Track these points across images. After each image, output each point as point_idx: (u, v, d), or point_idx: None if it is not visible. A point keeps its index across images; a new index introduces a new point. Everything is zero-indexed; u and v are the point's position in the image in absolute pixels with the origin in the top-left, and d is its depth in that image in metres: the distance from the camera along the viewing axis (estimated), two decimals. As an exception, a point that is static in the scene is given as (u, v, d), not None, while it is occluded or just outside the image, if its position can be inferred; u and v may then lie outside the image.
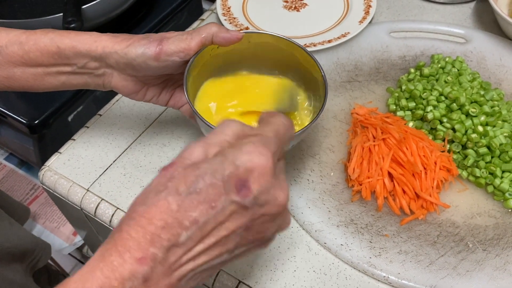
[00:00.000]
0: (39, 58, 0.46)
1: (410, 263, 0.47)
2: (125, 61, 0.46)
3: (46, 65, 0.47)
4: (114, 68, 0.47)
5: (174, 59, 0.45)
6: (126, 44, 0.45)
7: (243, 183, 0.30)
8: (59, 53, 0.46)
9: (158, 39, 0.45)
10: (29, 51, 0.46)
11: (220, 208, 0.30)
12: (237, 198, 0.30)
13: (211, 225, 0.30)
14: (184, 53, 0.45)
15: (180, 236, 0.29)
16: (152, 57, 0.45)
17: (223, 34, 0.46)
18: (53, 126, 0.77)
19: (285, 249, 0.50)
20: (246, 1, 0.77)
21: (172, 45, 0.45)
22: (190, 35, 0.46)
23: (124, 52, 0.45)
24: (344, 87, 0.64)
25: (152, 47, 0.45)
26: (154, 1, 0.90)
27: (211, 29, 0.46)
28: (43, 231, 0.99)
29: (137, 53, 0.45)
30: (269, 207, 0.32)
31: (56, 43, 0.46)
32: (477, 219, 0.51)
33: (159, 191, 0.30)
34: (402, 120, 0.58)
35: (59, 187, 0.57)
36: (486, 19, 0.73)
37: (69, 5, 0.71)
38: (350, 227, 0.50)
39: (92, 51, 0.46)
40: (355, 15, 0.72)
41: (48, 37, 0.46)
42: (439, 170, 0.52)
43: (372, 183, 0.52)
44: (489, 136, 0.53)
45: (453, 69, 0.62)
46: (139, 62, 0.45)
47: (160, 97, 0.52)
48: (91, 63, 0.47)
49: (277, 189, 0.32)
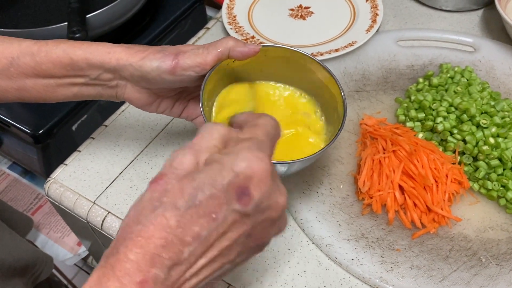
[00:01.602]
0: (51, 69, 0.45)
1: (422, 279, 0.47)
2: (140, 74, 0.45)
3: (59, 76, 0.46)
4: (128, 80, 0.47)
5: (190, 73, 0.45)
6: (141, 57, 0.44)
7: (244, 191, 0.30)
8: (71, 64, 0.45)
9: (174, 53, 0.44)
10: (41, 62, 0.45)
11: (221, 218, 0.29)
12: (239, 206, 0.29)
13: (213, 237, 0.29)
14: (200, 68, 0.44)
15: (183, 253, 0.28)
16: (168, 71, 0.44)
17: (240, 48, 0.45)
18: (57, 135, 0.76)
19: (295, 264, 0.49)
20: (252, 10, 0.77)
21: (188, 59, 0.44)
22: (207, 50, 0.45)
23: (139, 65, 0.44)
24: (352, 97, 0.63)
25: (167, 61, 0.44)
26: (157, 9, 0.89)
27: (227, 43, 0.45)
28: (47, 241, 0.99)
29: (152, 66, 0.44)
30: (270, 212, 0.31)
31: (68, 55, 0.45)
32: (490, 232, 0.50)
33: (155, 207, 0.29)
34: (411, 131, 0.57)
35: (65, 200, 0.56)
36: (494, 27, 0.72)
37: (73, 15, 0.71)
38: (361, 241, 0.49)
39: (106, 63, 0.45)
40: (362, 23, 0.72)
41: (60, 48, 0.45)
42: (451, 183, 0.51)
43: (383, 196, 0.51)
44: (500, 148, 0.52)
45: (462, 79, 0.61)
46: (154, 75, 0.44)
47: (173, 109, 0.51)
48: (104, 75, 0.46)
49: (277, 193, 0.32)
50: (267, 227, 0.32)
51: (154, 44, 0.86)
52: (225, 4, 0.77)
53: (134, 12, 0.80)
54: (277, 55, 0.50)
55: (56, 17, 0.77)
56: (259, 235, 0.32)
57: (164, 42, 0.88)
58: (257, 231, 0.32)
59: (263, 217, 0.31)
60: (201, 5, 0.93)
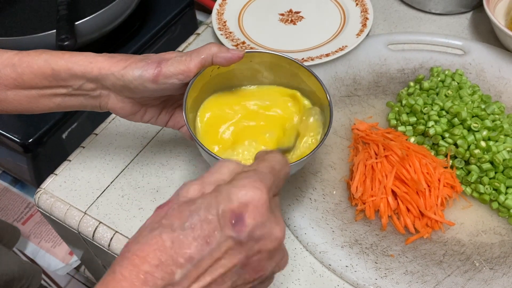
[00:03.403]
0: (33, 80, 0.45)
1: (416, 284, 0.46)
2: (122, 83, 0.44)
3: (40, 87, 0.45)
4: (111, 89, 0.46)
5: (173, 81, 0.44)
6: (123, 66, 0.44)
7: (238, 217, 0.30)
8: (53, 75, 0.44)
9: (157, 61, 0.44)
10: (23, 73, 0.44)
11: (215, 244, 0.29)
12: (232, 233, 0.29)
13: (207, 262, 0.29)
14: (184, 75, 0.44)
15: (175, 274, 0.28)
16: (150, 80, 0.43)
17: (223, 54, 0.45)
18: (47, 144, 0.76)
19: (289, 271, 0.49)
20: (242, 15, 0.77)
21: (171, 67, 0.44)
22: (190, 57, 0.44)
23: (121, 74, 0.44)
24: (344, 102, 0.63)
25: (150, 69, 0.43)
26: (147, 15, 0.89)
27: (210, 49, 0.45)
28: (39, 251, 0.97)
29: (134, 75, 0.44)
30: (265, 242, 0.31)
31: (50, 65, 0.44)
32: (483, 236, 0.50)
33: (153, 229, 0.30)
34: (403, 136, 0.57)
35: (55, 211, 0.56)
36: (483, 30, 0.73)
37: (62, 22, 0.70)
38: (355, 248, 0.49)
39: (88, 72, 0.44)
40: (352, 27, 0.72)
41: (42, 58, 0.44)
42: (443, 187, 0.51)
43: (376, 201, 0.51)
44: (492, 152, 0.52)
45: (453, 83, 0.61)
46: (136, 84, 0.44)
47: (159, 118, 0.51)
48: (87, 85, 0.46)
49: (273, 224, 0.31)
50: (264, 260, 0.32)
51: (144, 50, 0.85)
52: (215, 10, 0.76)
53: (124, 18, 0.80)
54: (263, 61, 0.50)
55: (45, 24, 0.76)
56: (255, 267, 0.32)
57: (155, 47, 0.88)
58: (253, 262, 0.31)
59: (258, 247, 0.31)
60: (191, 11, 0.93)
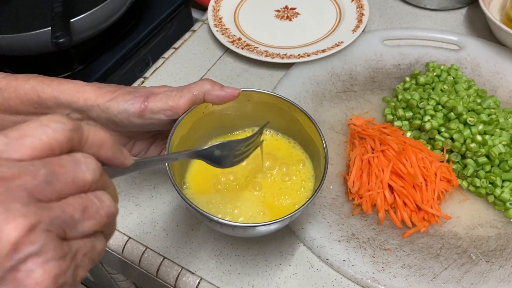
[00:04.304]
0: (18, 106, 0.43)
1: (413, 277, 0.47)
2: (107, 116, 0.42)
3: (26, 113, 0.43)
4: (97, 121, 0.44)
5: (160, 117, 0.42)
6: (109, 98, 0.42)
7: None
8: (39, 102, 0.42)
9: (144, 95, 0.42)
10: (9, 98, 0.42)
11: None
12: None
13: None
14: (172, 112, 0.42)
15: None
16: (136, 114, 0.41)
17: (216, 92, 0.43)
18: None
19: (286, 266, 0.49)
20: (238, 12, 0.77)
21: (158, 102, 0.41)
22: (180, 92, 0.42)
23: (106, 107, 0.42)
24: (340, 97, 0.63)
25: (136, 103, 0.41)
26: (143, 12, 0.88)
27: (203, 86, 0.43)
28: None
29: (119, 109, 0.41)
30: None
31: (37, 92, 0.42)
32: (479, 230, 0.51)
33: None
34: (399, 130, 0.57)
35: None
36: (479, 25, 0.73)
37: (57, 19, 0.70)
38: (352, 242, 0.49)
39: (74, 102, 0.42)
40: (348, 23, 0.72)
41: (29, 84, 0.43)
42: (439, 181, 0.51)
43: (373, 196, 0.51)
44: (488, 145, 0.52)
45: (449, 77, 0.62)
46: (121, 118, 0.42)
47: (148, 152, 0.48)
48: (73, 115, 0.44)
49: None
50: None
51: (140, 47, 0.85)
52: (210, 6, 0.76)
53: (119, 15, 0.79)
54: (261, 101, 0.48)
55: (40, 22, 0.76)
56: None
57: (150, 45, 0.87)
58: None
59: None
60: (186, 8, 0.93)
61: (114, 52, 0.82)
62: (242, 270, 0.49)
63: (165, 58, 0.72)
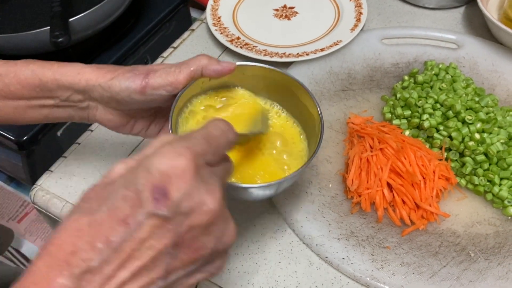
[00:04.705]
0: (19, 91, 0.44)
1: (412, 275, 0.47)
2: (109, 95, 0.43)
3: (28, 98, 0.44)
4: (99, 101, 0.45)
5: (161, 92, 0.43)
6: (110, 77, 0.43)
7: (160, 191, 0.26)
8: (41, 86, 0.43)
9: (144, 72, 0.43)
10: (10, 84, 0.43)
11: (136, 223, 0.26)
12: (155, 209, 0.26)
13: (130, 244, 0.26)
14: (172, 87, 0.43)
15: (92, 261, 0.25)
16: (137, 91, 0.42)
17: (213, 66, 0.44)
18: (42, 142, 0.75)
19: (286, 264, 0.49)
20: (237, 11, 0.77)
21: (158, 78, 0.42)
22: (179, 68, 0.43)
23: (108, 85, 0.43)
24: (339, 96, 0.63)
25: (137, 80, 0.42)
26: (141, 12, 0.89)
27: (200, 61, 0.44)
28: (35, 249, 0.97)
29: (121, 86, 0.42)
30: (195, 216, 0.27)
31: (37, 76, 0.43)
32: (478, 227, 0.51)
33: (73, 213, 0.27)
34: (398, 129, 0.57)
35: (52, 207, 0.56)
36: (477, 24, 0.73)
37: (55, 19, 0.70)
38: (351, 240, 0.49)
39: (75, 84, 0.43)
40: (346, 22, 0.72)
41: (29, 69, 0.43)
42: (438, 179, 0.51)
43: (371, 194, 0.51)
44: (486, 144, 0.53)
45: (447, 76, 0.62)
46: (123, 96, 0.43)
47: (149, 130, 0.49)
48: (74, 96, 0.45)
49: (203, 194, 0.27)
50: (198, 236, 0.28)
51: (139, 47, 0.85)
52: (209, 5, 0.76)
53: (118, 15, 0.80)
54: (256, 74, 0.49)
55: (38, 21, 0.76)
56: (190, 246, 0.28)
57: (149, 44, 0.87)
58: (186, 240, 0.28)
59: (188, 222, 0.27)
60: (185, 7, 0.93)
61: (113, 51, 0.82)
62: (242, 268, 0.49)
63: (164, 57, 0.72)
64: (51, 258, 0.26)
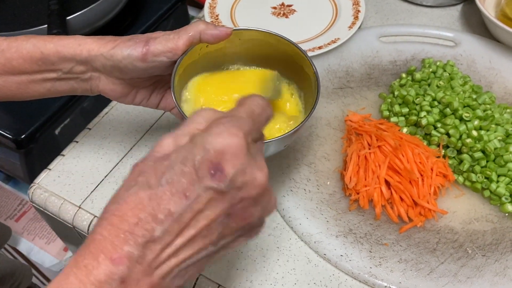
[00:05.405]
0: (22, 65, 0.45)
1: (410, 272, 0.47)
2: (112, 64, 0.45)
3: (30, 72, 0.45)
4: (101, 71, 0.46)
5: (162, 59, 0.44)
6: (112, 46, 0.44)
7: (217, 167, 0.29)
8: (43, 59, 0.44)
9: (144, 40, 0.44)
10: (12, 58, 0.44)
11: (194, 196, 0.29)
12: (212, 183, 0.29)
13: (188, 215, 0.29)
14: (172, 53, 0.44)
15: (155, 231, 0.28)
16: (139, 58, 0.44)
17: (211, 31, 0.45)
18: (40, 140, 0.75)
19: (284, 262, 0.49)
20: (234, 8, 0.77)
21: (159, 45, 0.44)
22: (177, 34, 0.45)
23: (110, 54, 0.44)
24: (337, 93, 0.64)
25: (138, 48, 0.44)
26: (139, 10, 0.88)
27: (198, 26, 0.45)
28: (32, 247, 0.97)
29: (123, 54, 0.44)
30: (248, 189, 0.30)
31: (39, 49, 0.44)
32: (475, 224, 0.51)
33: (130, 187, 0.29)
34: (396, 126, 0.58)
35: (50, 205, 0.56)
36: (474, 21, 0.73)
37: (53, 17, 0.70)
38: (349, 237, 0.50)
39: (77, 55, 0.44)
40: (344, 20, 0.72)
41: (30, 43, 0.44)
42: (436, 176, 0.52)
43: (369, 191, 0.51)
44: (483, 141, 0.53)
45: (445, 73, 0.62)
46: (125, 64, 0.44)
47: (150, 100, 0.51)
48: (77, 67, 0.46)
49: (254, 169, 0.30)
50: (248, 207, 0.31)
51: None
52: (207, 3, 0.76)
53: (116, 13, 0.79)
54: (251, 38, 0.50)
55: (36, 19, 0.76)
56: (240, 215, 0.31)
57: (147, 43, 0.87)
58: (238, 210, 0.31)
59: (241, 194, 0.30)
60: (183, 5, 0.93)
61: (111, 50, 0.82)
62: (240, 266, 0.49)
63: (162, 55, 0.71)
64: (115, 228, 0.28)
